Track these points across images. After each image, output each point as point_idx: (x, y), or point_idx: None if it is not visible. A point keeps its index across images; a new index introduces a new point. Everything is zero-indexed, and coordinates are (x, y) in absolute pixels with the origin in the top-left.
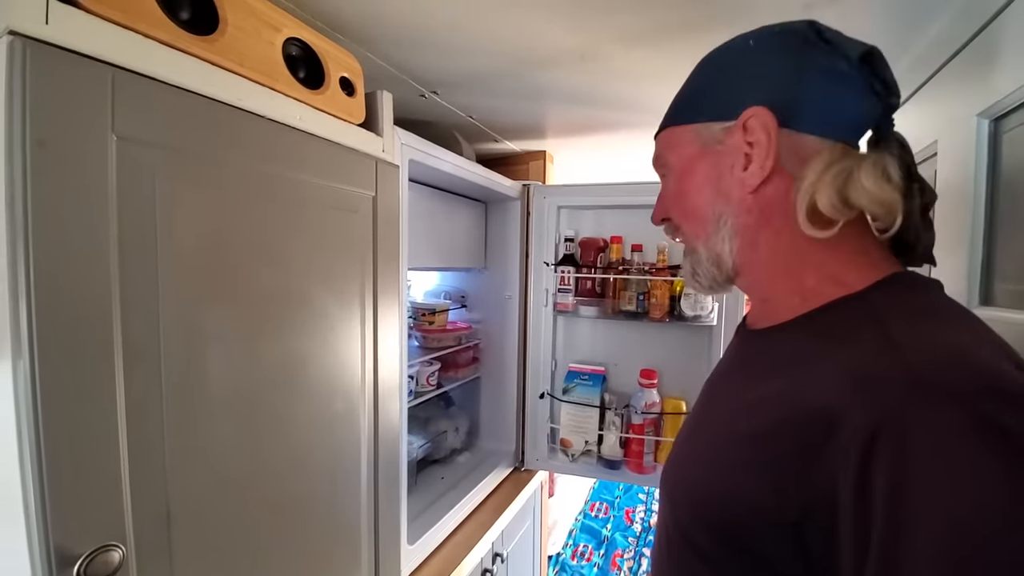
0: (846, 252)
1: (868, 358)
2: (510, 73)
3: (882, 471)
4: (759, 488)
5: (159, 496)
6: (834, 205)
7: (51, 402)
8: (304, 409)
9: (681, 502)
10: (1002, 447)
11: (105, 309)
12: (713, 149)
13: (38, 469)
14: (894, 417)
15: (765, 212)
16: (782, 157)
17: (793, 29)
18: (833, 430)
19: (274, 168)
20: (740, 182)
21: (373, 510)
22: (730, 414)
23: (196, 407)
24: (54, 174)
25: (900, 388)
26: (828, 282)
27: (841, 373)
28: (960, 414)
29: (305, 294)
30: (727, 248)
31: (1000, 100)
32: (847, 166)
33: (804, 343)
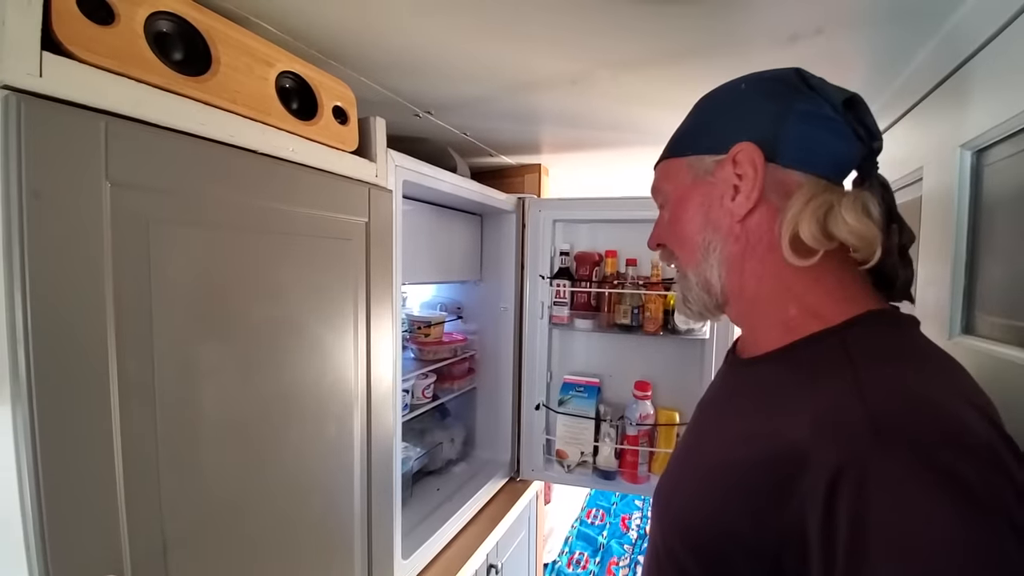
0: (826, 285)
1: (837, 401)
2: (503, 96)
3: (843, 511)
4: (741, 519)
5: (155, 527)
6: (814, 236)
7: (49, 442)
8: (297, 435)
9: (671, 528)
10: (956, 497)
11: (101, 351)
12: (705, 180)
13: (37, 506)
14: (856, 461)
15: (751, 241)
16: (768, 189)
17: (781, 75)
18: (803, 468)
19: (267, 202)
20: (729, 212)
21: (366, 528)
22: (716, 446)
23: (190, 440)
24: (50, 223)
25: (863, 433)
26: (808, 315)
27: (812, 414)
28: (917, 463)
29: (298, 323)
30: (716, 274)
31: (982, 133)
32: (828, 199)
33: (783, 377)
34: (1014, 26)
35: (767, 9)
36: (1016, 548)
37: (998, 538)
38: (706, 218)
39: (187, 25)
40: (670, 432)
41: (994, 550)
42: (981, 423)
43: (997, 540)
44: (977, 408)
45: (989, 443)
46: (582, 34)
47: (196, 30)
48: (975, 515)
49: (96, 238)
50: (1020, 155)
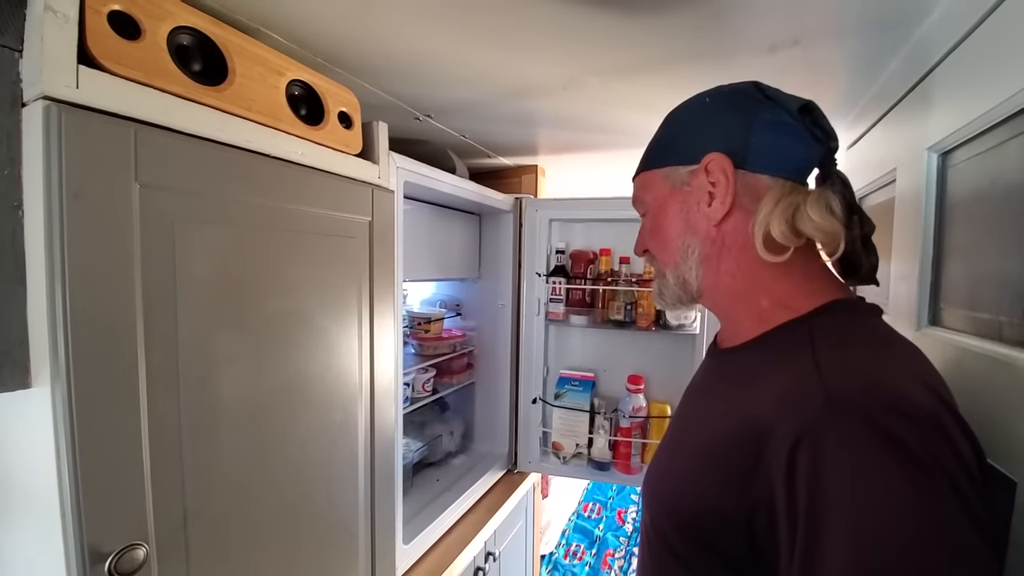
0: (794, 278)
1: (797, 379)
2: (499, 100)
3: (802, 475)
4: (720, 495)
5: (177, 500)
6: (784, 234)
7: (85, 419)
8: (305, 420)
9: (659, 510)
10: (900, 458)
11: (131, 338)
12: (681, 190)
13: (74, 478)
14: (812, 429)
15: (727, 242)
16: (739, 194)
17: (741, 88)
18: (768, 440)
19: (278, 202)
20: (706, 216)
21: (370, 511)
22: (697, 428)
23: (209, 421)
24: (86, 221)
25: (819, 406)
26: (778, 306)
27: (775, 392)
28: (866, 428)
29: (306, 315)
30: (694, 274)
31: (946, 136)
32: (795, 200)
33: (754, 363)
34: (974, 36)
35: (746, 22)
36: (956, 507)
37: (940, 496)
38: (685, 223)
39: (205, 38)
40: (662, 424)
41: (935, 506)
42: (927, 396)
43: (939, 497)
44: (925, 385)
45: (933, 413)
46: (574, 42)
47: (214, 43)
48: (917, 474)
49: (127, 235)
50: (981, 156)
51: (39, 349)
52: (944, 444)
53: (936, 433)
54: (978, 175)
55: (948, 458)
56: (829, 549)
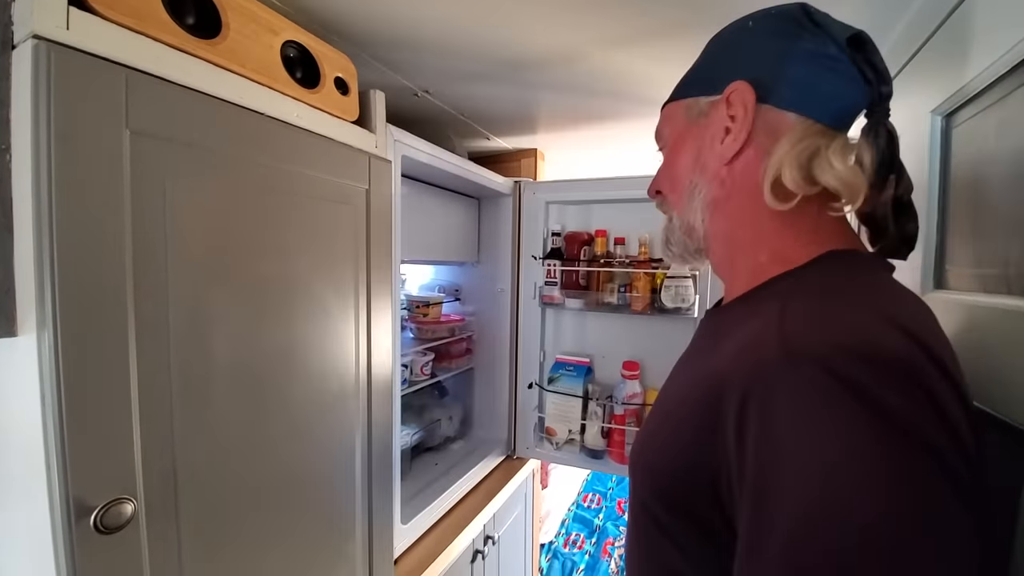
0: (798, 229)
1: (757, 331)
2: (499, 72)
3: (751, 432)
4: (688, 460)
5: (167, 457)
6: (795, 180)
7: (71, 367)
8: (301, 388)
9: (639, 478)
10: (858, 408)
11: (120, 288)
12: (698, 122)
13: (59, 428)
14: (761, 379)
15: (736, 184)
16: (757, 131)
17: (786, 11)
18: (722, 395)
19: (273, 162)
20: (718, 154)
21: (367, 486)
22: (674, 391)
23: (201, 378)
24: (75, 165)
25: (771, 354)
26: (774, 260)
27: (734, 346)
28: (821, 375)
29: (301, 280)
30: (699, 218)
31: (950, 96)
32: (816, 144)
33: (731, 321)
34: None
35: None
36: (930, 467)
37: (909, 453)
38: (696, 161)
39: None
40: None
41: (902, 465)
42: (901, 340)
43: (907, 455)
44: (902, 329)
45: (906, 359)
46: (575, 12)
47: None
48: (882, 427)
49: (117, 182)
50: (984, 113)
51: (25, 297)
52: (917, 394)
53: (908, 381)
54: (982, 134)
55: (923, 411)
56: (776, 517)
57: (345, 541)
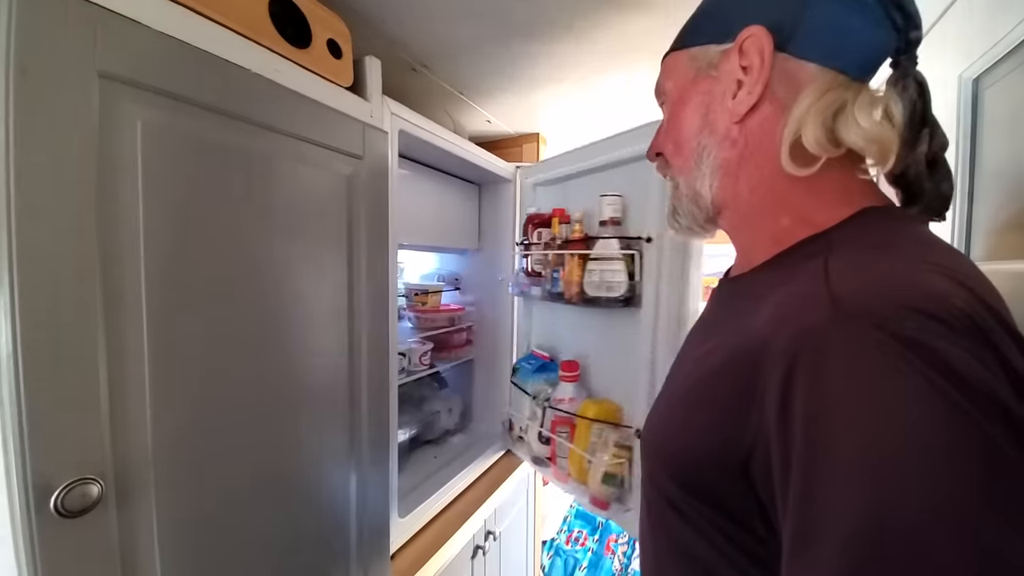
0: (826, 193)
1: (799, 290)
2: (498, 41)
3: (799, 397)
4: (713, 438)
5: (140, 436)
6: (818, 141)
7: (31, 333)
8: (288, 360)
9: (655, 461)
10: (924, 368)
11: (86, 247)
12: (707, 75)
13: (17, 400)
14: (810, 344)
15: (749, 146)
16: (774, 83)
17: None
18: (762, 365)
19: (258, 122)
20: (729, 111)
21: (361, 478)
22: (692, 366)
23: (177, 353)
24: (36, 102)
25: (820, 316)
26: (800, 223)
27: (772, 308)
28: (880, 333)
29: (289, 245)
30: (707, 184)
31: (979, 57)
32: (842, 97)
33: (759, 286)
34: None
35: None
36: (1003, 432)
37: (980, 417)
38: (704, 120)
39: None
40: (588, 429)
41: (972, 430)
42: (964, 296)
43: (978, 419)
44: (963, 285)
45: (972, 315)
46: None
47: None
48: (950, 388)
49: (84, 126)
50: (1015, 74)
51: None
52: (985, 352)
53: (974, 338)
54: (1012, 95)
55: (991, 370)
56: (832, 493)
57: (337, 535)
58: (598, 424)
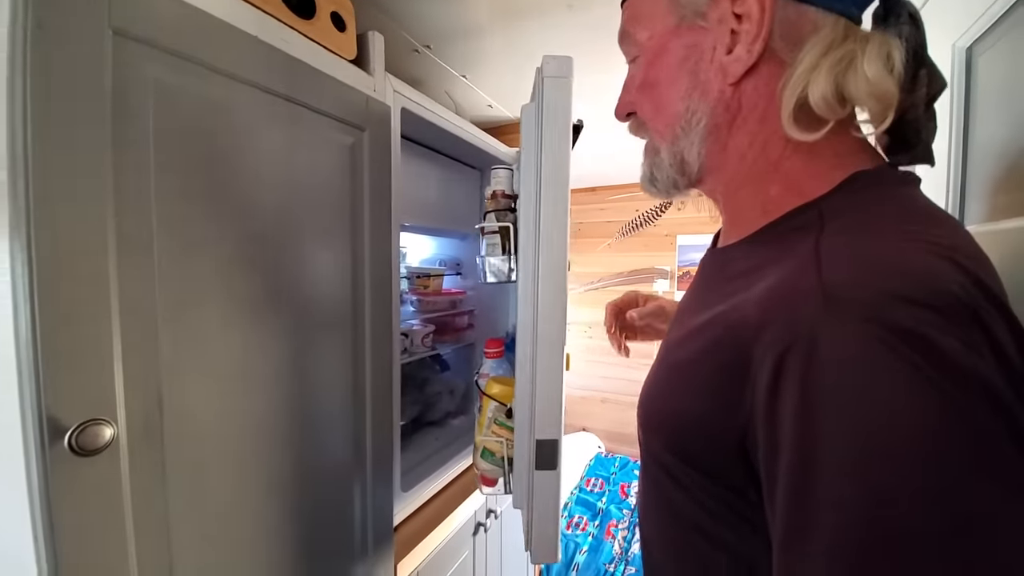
0: (820, 157)
1: (790, 276)
2: (499, 21)
3: (789, 390)
4: (707, 416)
5: (151, 381)
6: (827, 100)
7: (45, 272)
8: (294, 324)
9: (650, 432)
10: (915, 359)
11: (99, 197)
12: (693, 25)
13: (32, 340)
14: (801, 335)
15: (744, 110)
16: (775, 37)
17: None
18: (752, 353)
19: (265, 88)
20: (722, 69)
21: (368, 447)
22: (684, 341)
23: (189, 303)
24: (52, 56)
25: (811, 306)
26: (789, 192)
27: (764, 293)
28: (872, 325)
29: (294, 214)
30: (695, 152)
31: (971, 26)
32: (850, 51)
33: (749, 261)
34: None
35: None
36: (997, 422)
37: (973, 406)
38: (693, 79)
39: None
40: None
41: (966, 420)
42: (957, 278)
43: (971, 408)
44: (956, 265)
45: (964, 300)
46: None
47: None
48: (941, 379)
49: (97, 81)
50: (1007, 39)
51: None
52: (978, 338)
53: (967, 326)
54: (1005, 61)
55: (984, 358)
56: (823, 487)
57: (344, 501)
58: (495, 402)
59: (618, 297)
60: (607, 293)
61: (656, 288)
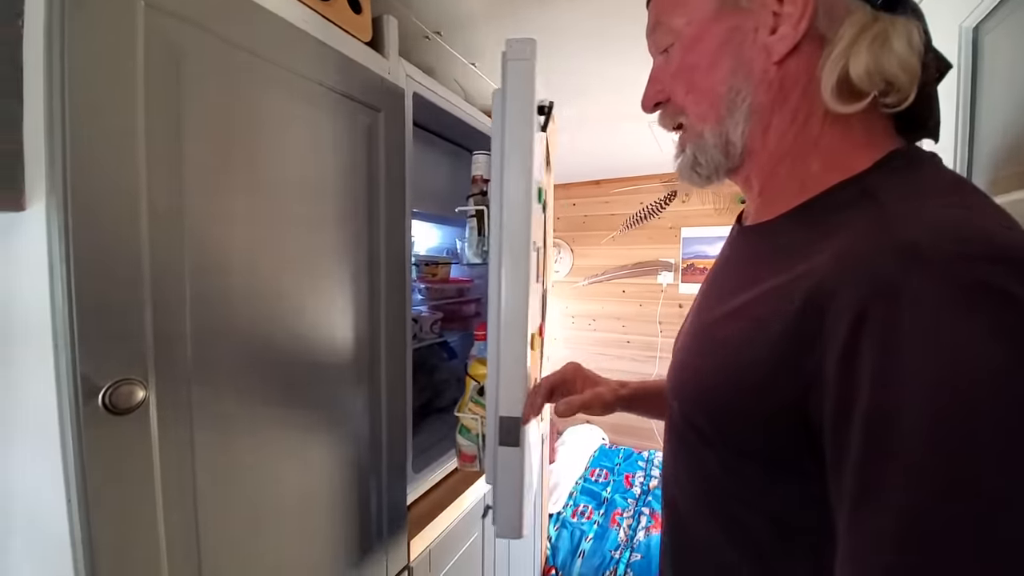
0: (854, 132)
1: (860, 237)
2: (507, 9)
3: (870, 348)
4: (763, 383)
5: (180, 347)
6: (870, 73)
7: (80, 238)
8: (313, 297)
9: (690, 404)
10: (1007, 320)
11: (131, 169)
12: (735, 9)
13: (68, 303)
14: (884, 292)
15: (785, 87)
16: (820, 15)
17: None
18: (825, 311)
19: (288, 65)
20: (765, 49)
21: (381, 426)
22: (730, 314)
23: (216, 267)
24: (88, 34)
25: (890, 262)
26: (830, 169)
27: (834, 254)
28: (957, 281)
29: (316, 189)
30: (740, 131)
31: (978, 6)
32: (883, 28)
33: (800, 233)
34: None
35: None
36: None
37: None
38: (736, 60)
39: None
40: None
41: None
42: (1019, 238)
43: None
44: (1012, 228)
45: None
46: None
47: None
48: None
49: (131, 55)
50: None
51: (34, 169)
52: None
53: None
54: (1011, 39)
55: None
56: (908, 455)
57: (361, 473)
58: (474, 381)
59: (555, 373)
60: (612, 286)
61: (660, 280)
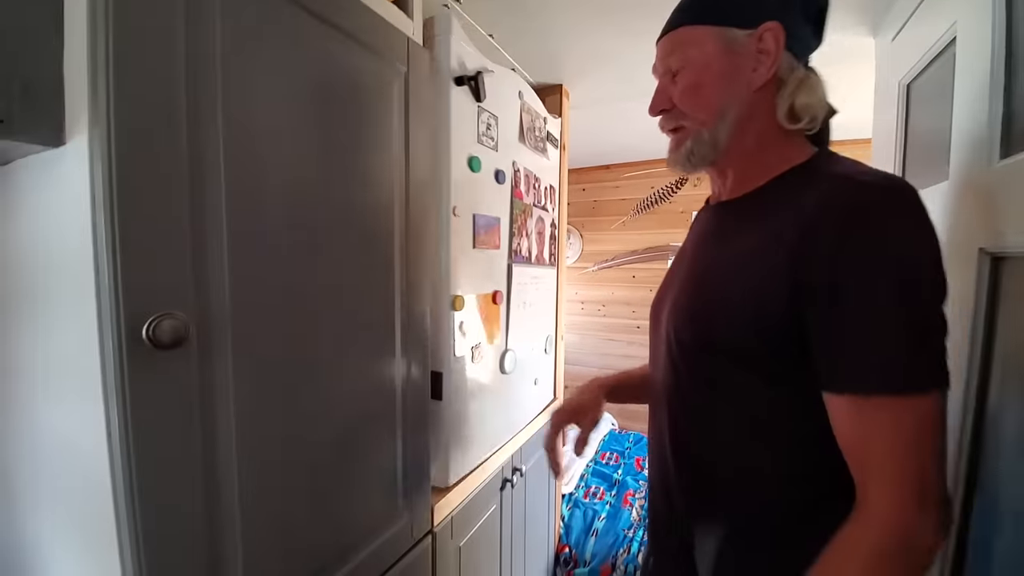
0: (794, 141)
1: (830, 187)
2: None
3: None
4: (762, 287)
5: (219, 291)
6: (804, 106)
7: (124, 174)
8: (346, 255)
9: (695, 334)
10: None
11: (174, 107)
12: (735, 50)
13: (110, 234)
14: (858, 208)
15: (756, 108)
16: (781, 66)
17: None
18: (816, 231)
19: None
20: (748, 82)
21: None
22: (730, 257)
23: (255, 210)
24: None
25: (856, 192)
26: (782, 160)
27: (817, 198)
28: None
29: (344, 145)
30: (726, 134)
31: (911, 68)
32: (811, 80)
33: (778, 197)
34: None
35: None
36: None
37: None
38: (729, 85)
39: None
40: None
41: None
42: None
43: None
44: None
45: None
46: None
47: None
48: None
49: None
50: None
51: (76, 102)
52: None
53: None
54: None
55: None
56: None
57: (385, 436)
58: None
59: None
60: (622, 271)
61: None
